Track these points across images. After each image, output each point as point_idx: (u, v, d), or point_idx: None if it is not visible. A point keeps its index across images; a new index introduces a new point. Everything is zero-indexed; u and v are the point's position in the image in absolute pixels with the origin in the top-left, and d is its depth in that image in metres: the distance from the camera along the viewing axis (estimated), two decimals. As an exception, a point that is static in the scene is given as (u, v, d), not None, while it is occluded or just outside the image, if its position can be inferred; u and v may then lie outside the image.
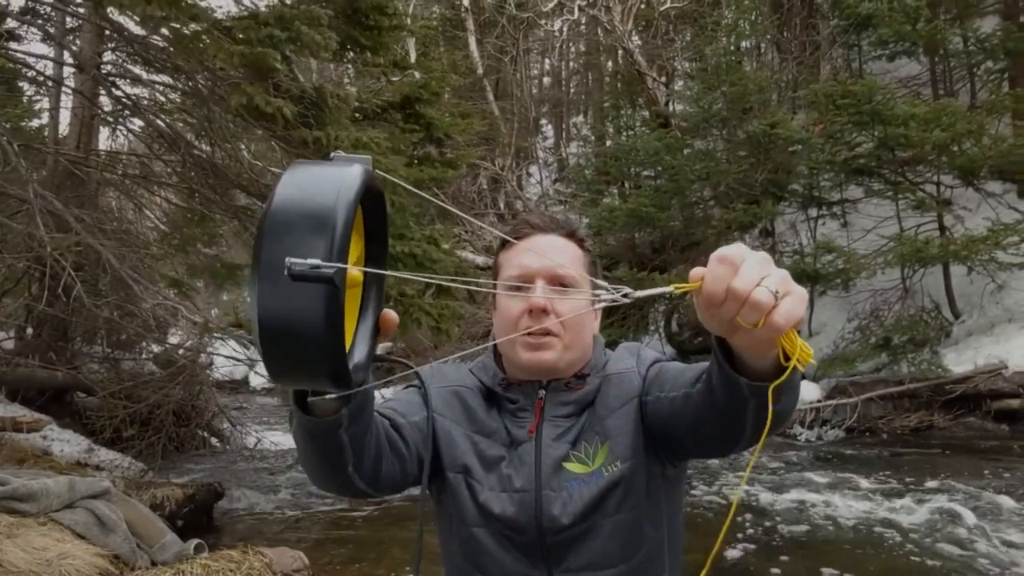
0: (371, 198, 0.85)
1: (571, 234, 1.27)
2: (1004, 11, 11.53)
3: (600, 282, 1.13)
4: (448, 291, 6.69)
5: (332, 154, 0.83)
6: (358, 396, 0.94)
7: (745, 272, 0.76)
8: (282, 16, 5.18)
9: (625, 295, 0.86)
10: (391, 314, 0.96)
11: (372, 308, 0.94)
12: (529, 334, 1.19)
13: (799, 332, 0.80)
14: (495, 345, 1.30)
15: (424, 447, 1.21)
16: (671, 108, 15.48)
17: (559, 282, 1.20)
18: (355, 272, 0.83)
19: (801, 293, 0.77)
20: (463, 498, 1.21)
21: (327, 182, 0.76)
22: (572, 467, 1.19)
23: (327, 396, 0.90)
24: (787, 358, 0.80)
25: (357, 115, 7.04)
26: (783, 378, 0.83)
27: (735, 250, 0.77)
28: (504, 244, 1.28)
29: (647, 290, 0.84)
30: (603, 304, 0.88)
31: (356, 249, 0.87)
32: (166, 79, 7.15)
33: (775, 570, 4.71)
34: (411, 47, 13.13)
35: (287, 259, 0.71)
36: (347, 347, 0.82)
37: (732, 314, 0.76)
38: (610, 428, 1.20)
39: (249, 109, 5.18)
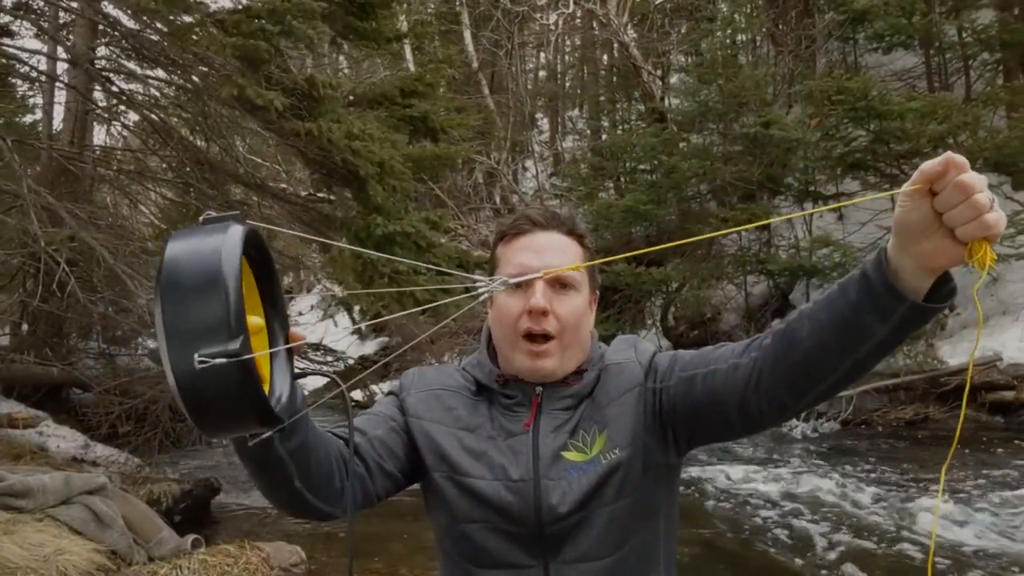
0: (253, 246, 0.91)
1: (572, 231, 1.25)
2: (999, 3, 11.53)
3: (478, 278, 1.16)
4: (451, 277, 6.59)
5: (202, 217, 0.89)
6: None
7: (975, 176, 0.83)
8: (274, 10, 5.15)
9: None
10: (297, 333, 1.02)
11: (280, 335, 1.00)
12: (530, 340, 1.18)
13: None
14: (490, 340, 1.30)
15: (389, 458, 1.22)
16: (667, 102, 15.46)
17: (559, 283, 1.19)
18: (256, 321, 0.91)
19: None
20: (452, 496, 1.21)
21: (210, 249, 0.82)
22: (570, 455, 1.18)
23: (264, 435, 0.94)
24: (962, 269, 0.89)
25: (352, 107, 6.99)
26: (980, 280, 0.90)
27: (964, 160, 0.85)
28: (503, 237, 1.26)
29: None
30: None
31: (251, 296, 0.95)
32: (160, 74, 7.12)
33: (771, 561, 4.73)
34: (406, 42, 13.08)
35: (195, 355, 0.77)
36: (268, 386, 0.92)
37: (951, 206, 0.84)
38: (609, 416, 1.20)
39: (241, 100, 5.16)
